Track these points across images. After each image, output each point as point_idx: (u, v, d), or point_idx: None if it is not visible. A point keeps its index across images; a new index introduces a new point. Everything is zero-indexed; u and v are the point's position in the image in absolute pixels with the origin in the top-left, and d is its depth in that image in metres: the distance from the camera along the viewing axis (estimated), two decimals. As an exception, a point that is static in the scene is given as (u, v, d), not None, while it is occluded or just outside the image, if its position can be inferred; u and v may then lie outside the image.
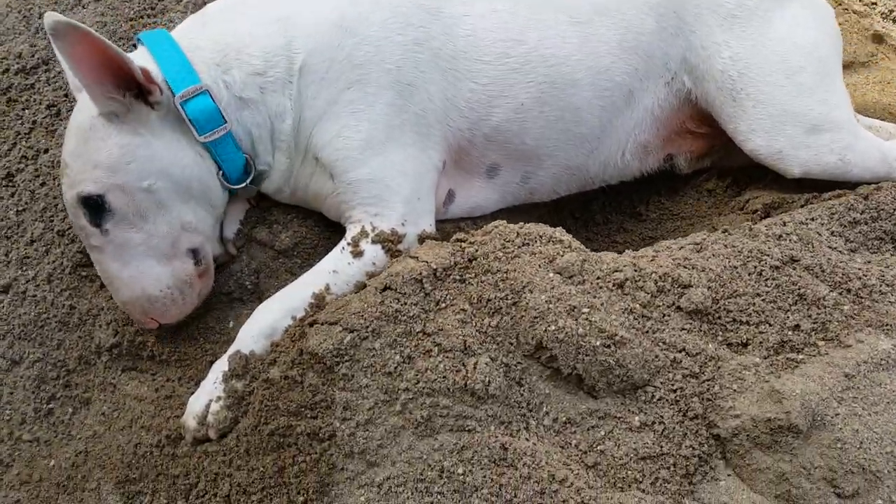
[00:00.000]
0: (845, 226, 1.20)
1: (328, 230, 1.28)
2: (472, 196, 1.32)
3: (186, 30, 1.17)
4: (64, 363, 1.24)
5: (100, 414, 1.19)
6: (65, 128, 1.40)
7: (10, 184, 1.39)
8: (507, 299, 0.99)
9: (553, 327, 0.95)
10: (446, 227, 1.32)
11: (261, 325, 1.10)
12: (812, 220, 1.19)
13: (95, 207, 1.07)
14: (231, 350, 1.10)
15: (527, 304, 0.97)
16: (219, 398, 1.05)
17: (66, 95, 1.44)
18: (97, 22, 1.46)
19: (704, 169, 1.47)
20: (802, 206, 1.27)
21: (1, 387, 1.24)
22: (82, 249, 1.28)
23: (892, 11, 1.86)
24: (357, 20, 1.13)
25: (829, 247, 1.14)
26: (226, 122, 1.10)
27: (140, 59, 1.10)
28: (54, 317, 1.26)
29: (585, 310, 0.97)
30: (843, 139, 1.25)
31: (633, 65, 1.26)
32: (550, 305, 0.96)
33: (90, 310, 1.25)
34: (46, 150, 1.39)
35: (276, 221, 1.27)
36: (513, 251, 1.03)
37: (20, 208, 1.35)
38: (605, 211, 1.55)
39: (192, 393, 1.13)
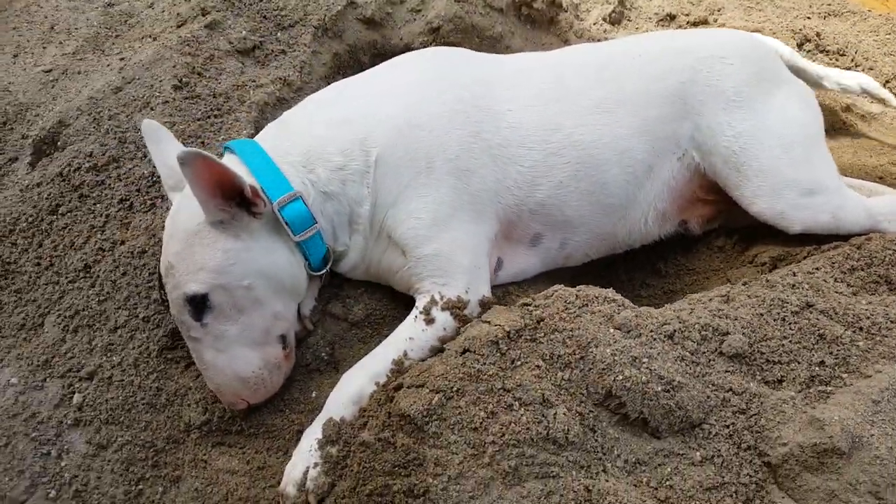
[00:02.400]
0: (845, 272, 1.39)
1: (394, 302, 1.41)
2: (517, 262, 1.48)
3: (271, 137, 1.34)
4: (152, 444, 1.31)
5: (192, 490, 1.26)
6: (139, 221, 1.54)
7: (88, 275, 1.49)
8: (574, 354, 1.13)
9: (621, 377, 1.09)
10: (496, 292, 1.47)
11: (348, 393, 1.21)
12: (817, 269, 1.38)
13: (199, 304, 1.19)
14: (322, 417, 1.20)
15: (594, 357, 1.11)
16: (316, 464, 1.14)
17: (137, 191, 1.58)
18: (166, 122, 1.62)
19: (714, 229, 1.66)
20: (805, 258, 1.46)
21: (88, 472, 1.29)
22: (168, 334, 1.38)
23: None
24: (423, 118, 1.32)
25: (836, 292, 1.32)
26: (316, 221, 1.25)
27: (233, 167, 1.23)
28: (142, 399, 1.34)
29: (645, 360, 1.11)
30: (833, 200, 1.46)
31: (650, 144, 1.46)
32: (616, 357, 1.10)
33: (177, 390, 1.33)
34: (122, 242, 1.51)
35: (347, 296, 1.40)
36: (574, 312, 1.18)
37: (102, 298, 1.45)
38: (627, 270, 1.72)
39: (284, 462, 1.22)
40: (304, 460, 1.16)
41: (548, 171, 1.39)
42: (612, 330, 1.14)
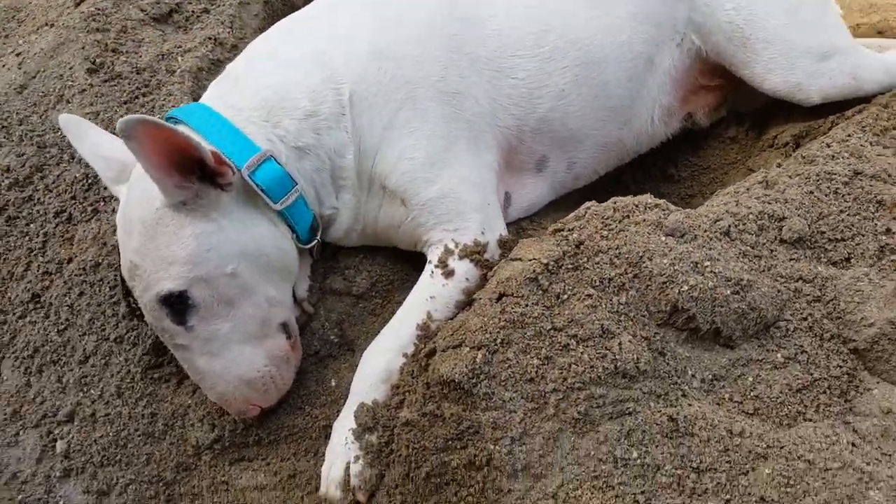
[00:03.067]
0: (878, 134, 1.27)
1: (400, 262, 1.24)
2: (526, 194, 1.32)
3: (218, 95, 1.12)
4: (160, 477, 1.13)
5: (218, 517, 1.09)
6: (83, 232, 1.31)
7: (39, 305, 1.27)
8: (627, 274, 0.98)
9: (686, 287, 0.95)
10: (509, 231, 1.31)
11: (375, 372, 1.05)
12: (849, 136, 1.26)
13: (178, 305, 0.99)
14: (351, 404, 1.04)
15: (650, 272, 0.97)
16: (357, 458, 0.99)
17: (73, 198, 1.34)
18: (88, 113, 1.38)
19: (721, 119, 1.53)
20: (831, 129, 1.34)
21: (91, 524, 1.12)
22: (149, 350, 1.18)
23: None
24: (395, 40, 1.13)
25: (878, 154, 1.20)
26: (296, 183, 1.06)
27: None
28: (136, 430, 1.15)
29: (707, 263, 0.98)
30: (850, 60, 1.34)
31: (647, 33, 1.31)
32: (675, 267, 0.96)
33: (175, 411, 1.15)
34: (70, 260, 1.29)
35: (346, 267, 1.22)
36: (615, 227, 1.03)
37: (61, 327, 1.23)
38: (637, 181, 1.58)
39: (317, 465, 1.06)
40: (342, 456, 1.00)
41: (546, 80, 1.22)
42: (663, 238, 1.00)
